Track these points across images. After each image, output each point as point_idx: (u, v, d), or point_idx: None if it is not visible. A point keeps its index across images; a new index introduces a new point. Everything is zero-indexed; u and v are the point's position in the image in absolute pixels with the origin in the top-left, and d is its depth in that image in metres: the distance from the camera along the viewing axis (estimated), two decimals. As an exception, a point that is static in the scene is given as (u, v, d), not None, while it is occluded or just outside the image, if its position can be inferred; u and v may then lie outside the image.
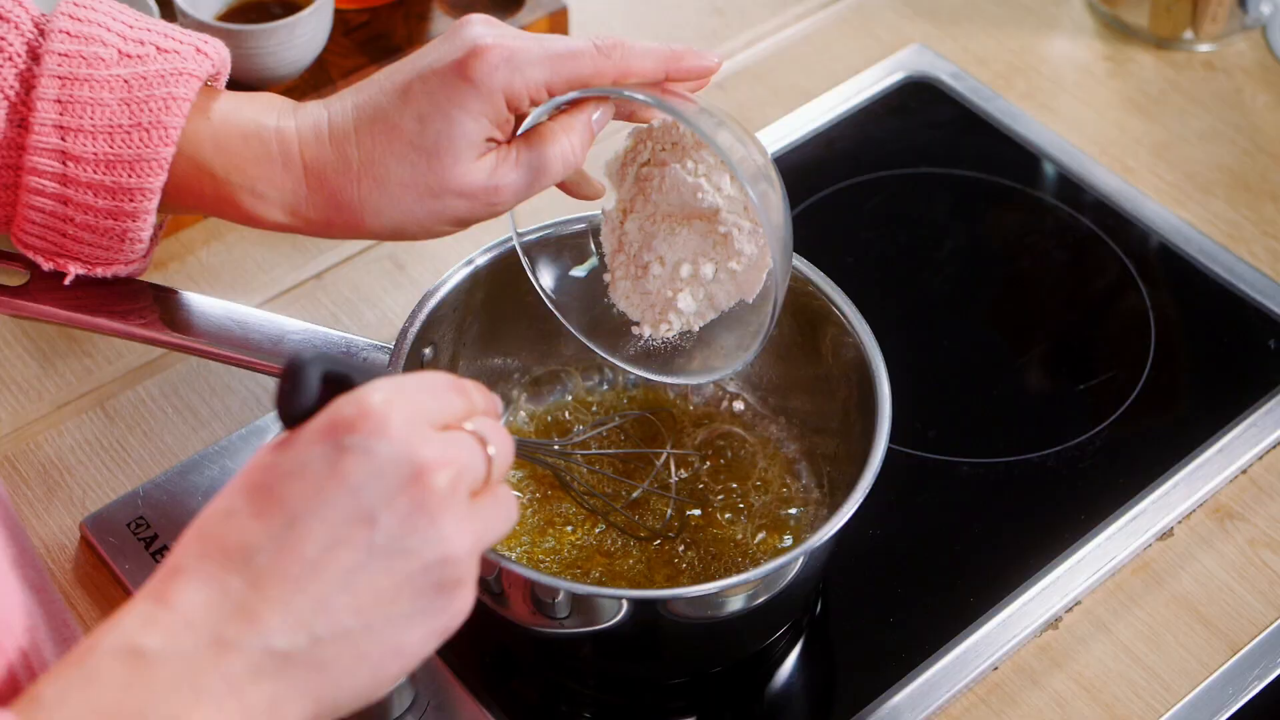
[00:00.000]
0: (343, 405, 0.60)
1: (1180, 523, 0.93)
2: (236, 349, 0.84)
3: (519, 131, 0.79)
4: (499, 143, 0.78)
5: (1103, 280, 1.06)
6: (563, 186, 0.83)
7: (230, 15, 1.09)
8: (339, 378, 0.60)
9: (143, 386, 0.98)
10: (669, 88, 0.80)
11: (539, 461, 0.86)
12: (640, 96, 0.78)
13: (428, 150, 0.76)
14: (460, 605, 0.61)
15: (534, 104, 0.77)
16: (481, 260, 0.89)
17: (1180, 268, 1.07)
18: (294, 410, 0.60)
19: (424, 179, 0.77)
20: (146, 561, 0.89)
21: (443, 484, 0.59)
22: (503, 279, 0.90)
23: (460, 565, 0.60)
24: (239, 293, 1.03)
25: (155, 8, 1.07)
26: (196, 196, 0.80)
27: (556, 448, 0.89)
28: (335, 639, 0.57)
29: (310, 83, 1.11)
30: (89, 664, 0.55)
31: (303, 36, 1.07)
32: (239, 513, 0.58)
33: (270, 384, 0.98)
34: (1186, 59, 1.21)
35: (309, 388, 0.60)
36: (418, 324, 0.85)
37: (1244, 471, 0.96)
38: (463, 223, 0.80)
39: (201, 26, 1.06)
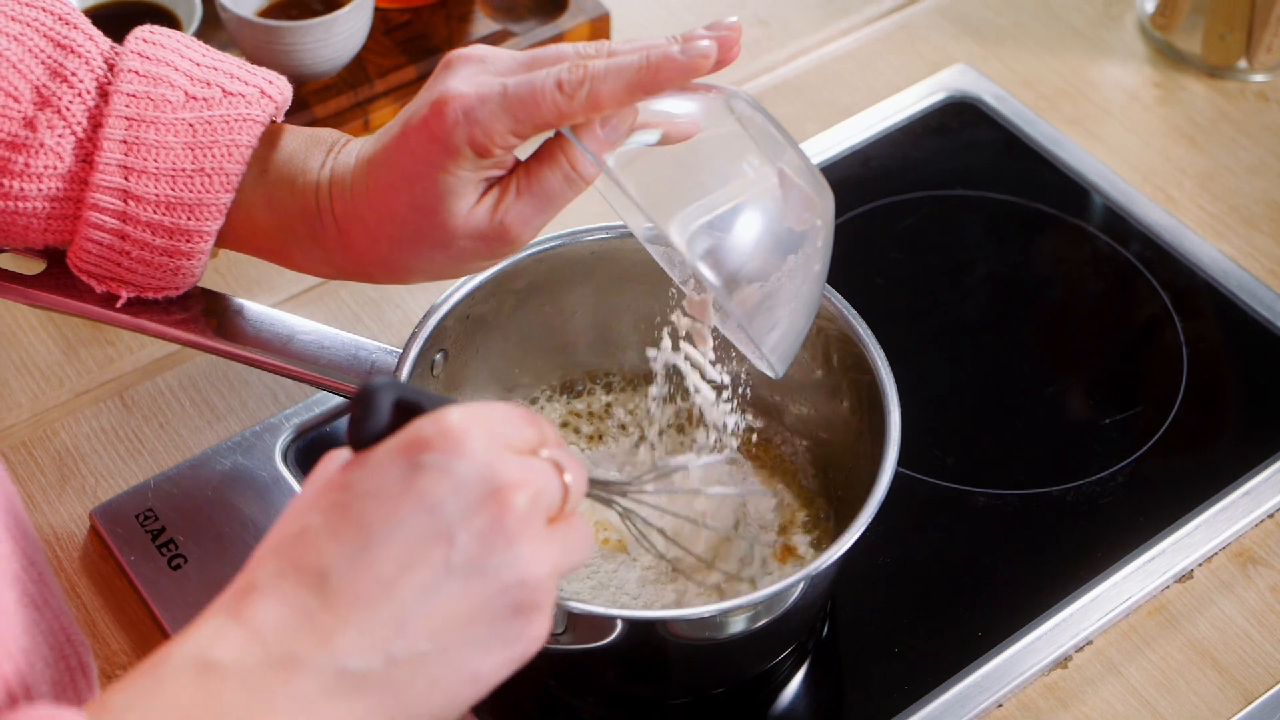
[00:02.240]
0: (421, 425, 0.59)
1: (1201, 565, 0.91)
2: (244, 346, 0.84)
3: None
4: (499, 178, 0.76)
5: (1136, 312, 1.04)
6: None
7: (271, 11, 1.10)
8: (411, 405, 0.61)
9: (162, 378, 0.98)
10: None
11: (602, 499, 0.79)
12: (612, 164, 0.73)
13: (422, 208, 0.75)
14: (536, 631, 0.60)
15: (506, 150, 0.74)
16: (500, 267, 0.88)
17: (1218, 302, 1.04)
18: (365, 434, 0.60)
19: (428, 234, 0.76)
20: (152, 553, 0.89)
21: (521, 504, 0.59)
22: (522, 287, 0.89)
23: (538, 590, 0.59)
24: (263, 288, 1.03)
25: (199, 5, 1.07)
26: (252, 247, 0.82)
27: (626, 486, 0.81)
28: (410, 661, 0.57)
29: (347, 80, 1.11)
30: (159, 673, 0.55)
31: (340, 34, 1.07)
32: (315, 532, 0.58)
33: (281, 382, 0.98)
34: (1239, 89, 1.18)
35: (380, 413, 0.60)
36: (428, 328, 0.84)
37: (1270, 516, 0.93)
38: (492, 258, 0.79)
39: (240, 22, 1.06)
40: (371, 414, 0.60)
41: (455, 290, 0.86)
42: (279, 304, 1.02)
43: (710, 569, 0.85)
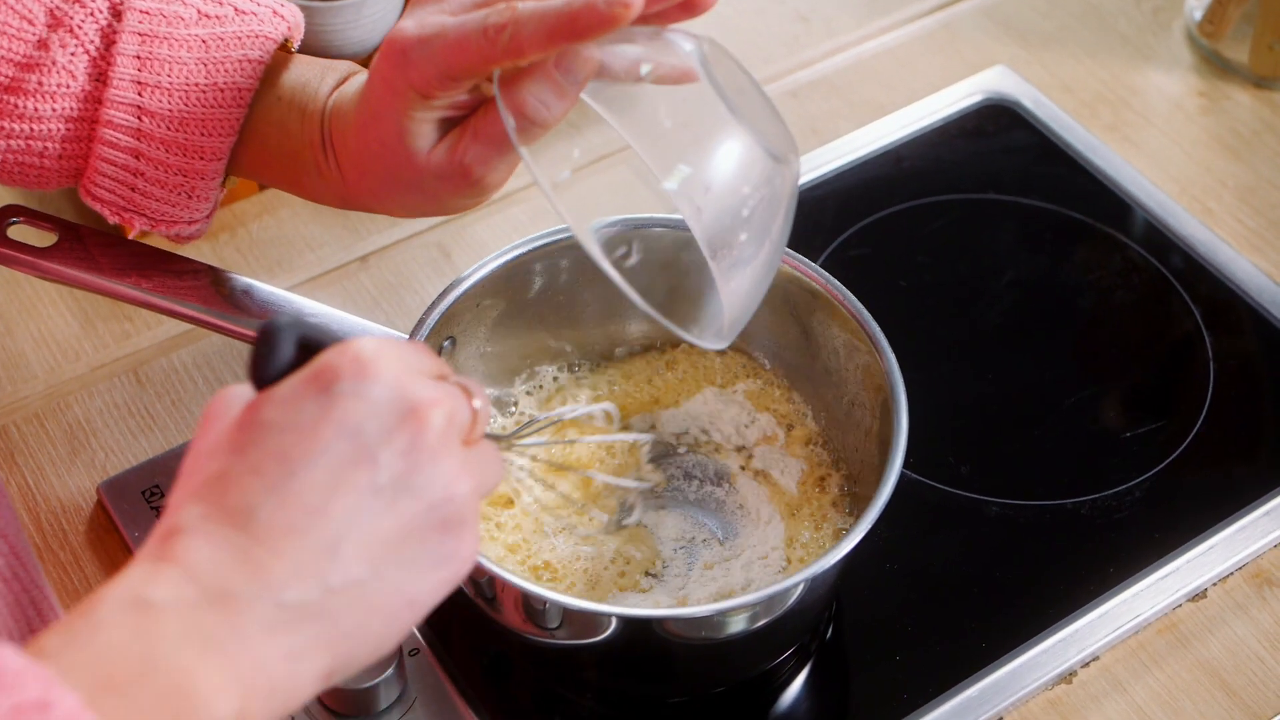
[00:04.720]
0: (329, 356, 0.59)
1: (1215, 585, 0.89)
2: (250, 325, 0.84)
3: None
4: (463, 118, 0.75)
5: (1165, 325, 1.02)
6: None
7: (304, -9, 1.09)
8: (313, 343, 0.61)
9: (177, 355, 0.98)
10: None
11: None
12: (512, 125, 0.71)
13: (388, 146, 0.75)
14: (466, 549, 0.60)
15: (446, 92, 0.73)
16: (514, 255, 0.87)
17: (1250, 318, 1.02)
18: (269, 371, 0.61)
19: (398, 173, 0.76)
20: (157, 530, 0.89)
21: (439, 422, 0.59)
22: (536, 277, 0.88)
23: (464, 505, 0.59)
24: (284, 269, 1.03)
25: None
26: (265, 175, 0.82)
27: (507, 437, 0.76)
28: (346, 589, 0.57)
29: (378, 63, 1.10)
30: (94, 615, 0.54)
31: (370, 17, 1.06)
32: (234, 471, 0.57)
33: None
34: (1287, 100, 1.16)
35: (284, 349, 0.61)
36: (436, 315, 0.84)
37: (1290, 537, 0.92)
38: (467, 199, 0.77)
39: (272, 0, 1.06)
40: (275, 350, 0.60)
41: (467, 277, 0.86)
42: (298, 285, 1.02)
43: (585, 513, 0.85)
